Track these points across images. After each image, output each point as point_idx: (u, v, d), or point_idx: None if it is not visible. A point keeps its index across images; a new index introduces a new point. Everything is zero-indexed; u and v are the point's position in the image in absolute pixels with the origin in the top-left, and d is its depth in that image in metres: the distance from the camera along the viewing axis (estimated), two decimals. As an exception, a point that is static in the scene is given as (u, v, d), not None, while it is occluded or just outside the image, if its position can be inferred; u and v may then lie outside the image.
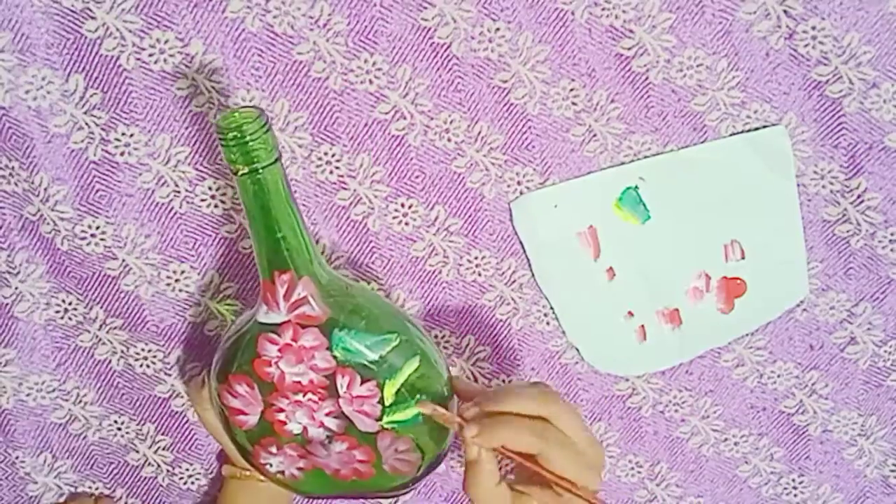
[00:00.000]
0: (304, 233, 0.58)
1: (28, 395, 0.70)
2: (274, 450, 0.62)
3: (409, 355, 0.59)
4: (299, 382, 0.58)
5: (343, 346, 0.57)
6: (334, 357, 0.58)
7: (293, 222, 0.57)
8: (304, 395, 0.59)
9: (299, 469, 0.63)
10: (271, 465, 0.63)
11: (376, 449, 0.60)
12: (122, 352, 0.70)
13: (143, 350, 0.70)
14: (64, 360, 0.70)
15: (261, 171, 0.55)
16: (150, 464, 0.74)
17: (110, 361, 0.70)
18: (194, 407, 0.69)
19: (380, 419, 0.59)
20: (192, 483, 0.75)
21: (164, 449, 0.74)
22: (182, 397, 0.72)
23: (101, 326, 0.69)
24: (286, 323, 0.58)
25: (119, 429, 0.73)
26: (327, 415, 0.59)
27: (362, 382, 0.58)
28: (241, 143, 0.53)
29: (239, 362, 0.60)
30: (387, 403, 0.59)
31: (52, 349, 0.70)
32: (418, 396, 0.59)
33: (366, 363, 0.58)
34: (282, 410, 0.60)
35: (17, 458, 0.72)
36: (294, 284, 0.57)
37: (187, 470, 0.75)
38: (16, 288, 0.67)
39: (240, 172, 0.55)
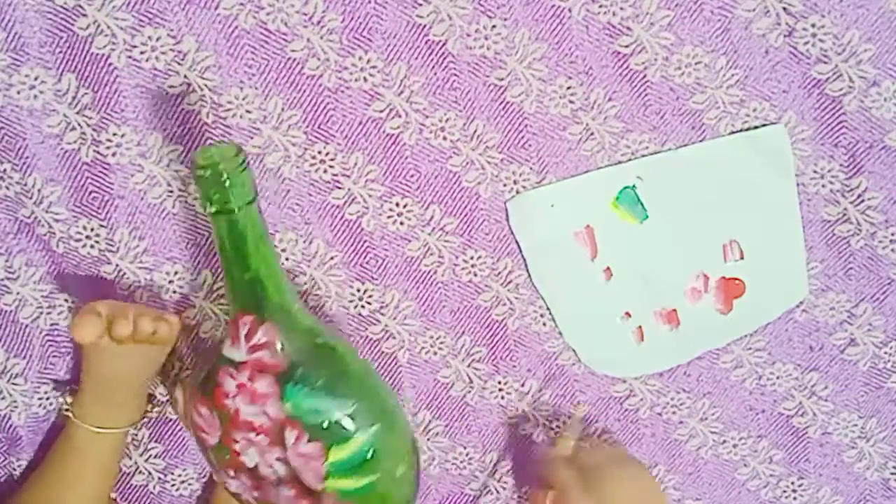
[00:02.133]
0: (279, 276, 0.56)
1: (40, 405, 0.70)
2: (232, 473, 0.61)
3: (364, 425, 0.57)
4: (252, 423, 0.57)
5: (294, 401, 0.56)
6: (284, 408, 0.56)
7: (267, 265, 0.55)
8: (255, 435, 0.58)
9: (255, 498, 0.62)
10: (230, 485, 0.62)
11: None
12: None
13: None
14: (71, 365, 0.69)
15: (236, 211, 0.52)
16: (140, 472, 0.74)
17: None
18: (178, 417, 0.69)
19: (325, 479, 0.57)
20: (185, 488, 0.75)
21: (155, 457, 0.73)
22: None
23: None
24: (245, 363, 0.57)
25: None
26: (277, 459, 0.58)
27: (308, 441, 0.57)
28: (217, 181, 0.51)
29: (203, 387, 0.59)
30: (331, 469, 0.57)
31: (59, 354, 0.69)
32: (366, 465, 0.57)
33: (315, 424, 0.56)
34: (237, 442, 0.59)
35: (19, 465, 0.71)
36: (255, 329, 0.56)
37: (180, 476, 0.74)
38: (17, 293, 0.67)
39: (213, 211, 0.53)
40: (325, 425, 0.56)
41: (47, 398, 0.69)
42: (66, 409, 0.66)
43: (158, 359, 0.66)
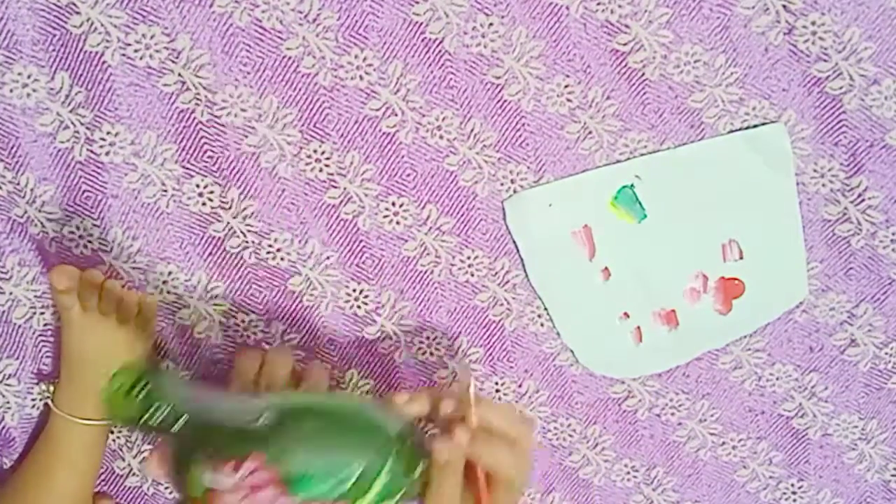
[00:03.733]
0: (231, 415, 0.56)
1: (33, 406, 0.69)
2: None
3: (376, 465, 0.56)
4: None
5: (305, 491, 0.55)
6: (297, 500, 0.55)
7: (211, 421, 0.55)
8: None
9: None
10: None
11: None
12: None
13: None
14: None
15: (154, 418, 0.54)
16: (134, 474, 0.73)
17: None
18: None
19: None
20: (180, 491, 0.74)
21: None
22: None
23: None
24: (240, 486, 0.55)
25: (111, 432, 0.72)
26: None
27: None
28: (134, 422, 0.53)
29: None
30: None
31: (53, 355, 0.68)
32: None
33: (335, 495, 0.55)
34: None
35: (10, 466, 0.71)
36: (239, 466, 0.54)
37: (173, 478, 0.74)
38: (10, 293, 0.66)
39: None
40: (344, 491, 0.55)
41: (41, 399, 0.69)
42: (47, 396, 0.66)
43: (136, 346, 0.65)
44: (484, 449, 0.57)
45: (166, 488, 0.74)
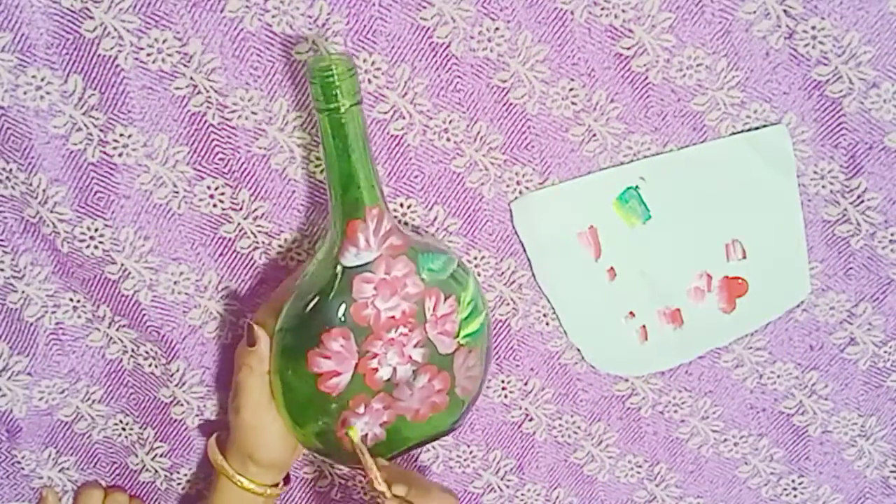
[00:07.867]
0: (377, 174, 0.61)
1: (41, 399, 0.70)
2: (362, 409, 0.63)
3: (467, 270, 0.64)
4: (393, 317, 0.61)
5: (429, 266, 0.61)
6: (422, 280, 0.61)
7: (371, 163, 0.60)
8: (395, 331, 0.61)
9: (382, 425, 0.64)
10: (357, 427, 0.64)
11: (452, 372, 0.64)
12: (133, 350, 0.70)
13: (151, 350, 0.70)
14: (76, 363, 0.70)
15: (342, 110, 0.58)
16: (147, 469, 0.74)
17: (121, 360, 0.70)
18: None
19: (457, 336, 0.63)
20: (192, 488, 0.75)
21: (161, 456, 0.73)
22: (182, 405, 0.71)
23: (109, 324, 0.69)
24: (378, 258, 0.60)
25: (123, 429, 0.72)
26: (415, 346, 0.62)
27: (445, 299, 0.62)
28: (328, 82, 0.57)
29: (333, 317, 0.61)
30: (463, 316, 0.63)
31: (64, 352, 0.69)
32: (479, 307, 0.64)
33: (444, 280, 0.62)
34: (375, 356, 0.62)
35: (22, 457, 0.71)
36: (382, 218, 0.60)
37: (185, 475, 0.74)
38: (22, 292, 0.67)
39: (325, 109, 0.58)
40: (452, 279, 0.63)
41: (49, 392, 0.69)
42: None
43: None
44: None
45: (178, 484, 0.75)
